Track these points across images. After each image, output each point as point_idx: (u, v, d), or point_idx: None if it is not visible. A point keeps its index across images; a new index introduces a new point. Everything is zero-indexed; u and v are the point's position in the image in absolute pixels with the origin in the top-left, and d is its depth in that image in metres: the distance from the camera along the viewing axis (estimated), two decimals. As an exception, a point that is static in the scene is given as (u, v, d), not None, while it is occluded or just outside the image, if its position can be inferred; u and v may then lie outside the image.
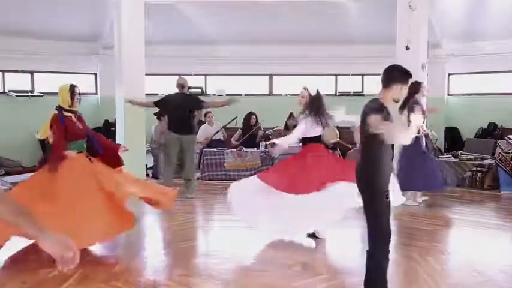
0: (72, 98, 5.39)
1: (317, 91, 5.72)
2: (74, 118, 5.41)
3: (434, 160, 7.50)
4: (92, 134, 5.63)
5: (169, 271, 4.59)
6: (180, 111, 7.95)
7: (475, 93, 11.78)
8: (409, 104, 6.40)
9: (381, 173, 3.60)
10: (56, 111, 5.33)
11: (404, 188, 6.12)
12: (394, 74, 3.68)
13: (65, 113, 5.33)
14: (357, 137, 6.48)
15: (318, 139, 5.72)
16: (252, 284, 4.31)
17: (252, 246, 5.46)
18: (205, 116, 11.04)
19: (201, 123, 11.20)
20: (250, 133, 10.13)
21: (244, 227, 6.50)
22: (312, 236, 5.71)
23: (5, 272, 4.61)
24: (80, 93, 5.51)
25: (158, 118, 9.99)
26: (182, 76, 8.76)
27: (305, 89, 5.75)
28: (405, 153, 6.93)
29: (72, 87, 5.43)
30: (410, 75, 3.72)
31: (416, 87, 6.86)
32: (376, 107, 3.57)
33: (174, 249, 5.41)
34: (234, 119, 10.68)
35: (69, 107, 5.38)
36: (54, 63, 11.26)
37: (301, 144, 5.90)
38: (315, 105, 5.64)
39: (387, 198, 3.59)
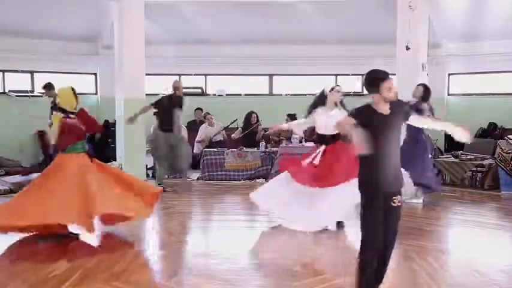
0: (76, 100, 5.46)
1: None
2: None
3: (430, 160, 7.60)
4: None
5: (169, 271, 4.59)
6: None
7: (475, 93, 11.79)
8: None
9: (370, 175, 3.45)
10: (62, 116, 5.37)
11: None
12: (370, 79, 3.63)
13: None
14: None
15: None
16: (252, 284, 4.31)
17: (252, 246, 5.46)
18: (205, 117, 11.05)
19: (201, 122, 11.21)
20: (250, 129, 10.13)
21: (244, 227, 6.52)
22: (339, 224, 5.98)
23: (6, 271, 4.61)
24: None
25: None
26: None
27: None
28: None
29: (73, 89, 5.48)
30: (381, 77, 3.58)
31: None
32: (356, 111, 3.57)
33: (174, 249, 5.40)
34: (234, 121, 10.71)
35: (75, 109, 5.46)
36: (54, 63, 11.26)
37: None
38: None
39: (374, 201, 3.40)
